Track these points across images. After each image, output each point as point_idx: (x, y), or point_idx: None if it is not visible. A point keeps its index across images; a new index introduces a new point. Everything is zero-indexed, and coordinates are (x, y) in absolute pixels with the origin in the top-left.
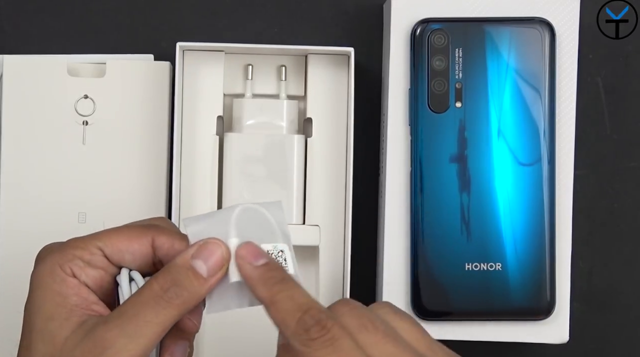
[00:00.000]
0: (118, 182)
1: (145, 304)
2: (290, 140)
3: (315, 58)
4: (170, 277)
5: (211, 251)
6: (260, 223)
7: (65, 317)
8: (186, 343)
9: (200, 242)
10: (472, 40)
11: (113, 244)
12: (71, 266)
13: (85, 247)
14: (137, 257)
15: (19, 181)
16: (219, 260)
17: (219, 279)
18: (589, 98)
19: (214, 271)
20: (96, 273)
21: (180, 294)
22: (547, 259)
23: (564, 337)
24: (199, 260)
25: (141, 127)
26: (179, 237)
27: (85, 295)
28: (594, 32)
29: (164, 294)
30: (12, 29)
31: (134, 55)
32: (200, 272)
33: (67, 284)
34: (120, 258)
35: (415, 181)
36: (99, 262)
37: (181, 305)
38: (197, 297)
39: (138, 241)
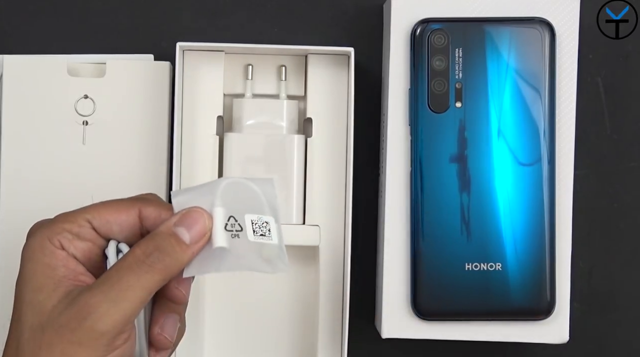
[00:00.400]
0: (118, 182)
1: (128, 268)
2: (290, 140)
3: (315, 58)
4: (153, 243)
5: (194, 218)
6: (248, 196)
7: (53, 287)
8: (176, 316)
9: (184, 211)
10: (472, 40)
11: (101, 216)
12: (60, 239)
13: (74, 220)
14: (124, 229)
15: (19, 180)
16: (202, 228)
17: (201, 246)
18: (589, 98)
19: (197, 238)
20: (84, 245)
21: (162, 259)
22: (547, 259)
23: (564, 337)
24: (181, 227)
25: (141, 127)
26: (166, 208)
27: (73, 266)
28: (594, 32)
29: (146, 259)
30: (12, 29)
31: (134, 55)
32: (183, 239)
33: (56, 256)
34: (108, 230)
35: (415, 181)
36: (87, 235)
37: (163, 270)
38: (179, 263)
39: (126, 213)
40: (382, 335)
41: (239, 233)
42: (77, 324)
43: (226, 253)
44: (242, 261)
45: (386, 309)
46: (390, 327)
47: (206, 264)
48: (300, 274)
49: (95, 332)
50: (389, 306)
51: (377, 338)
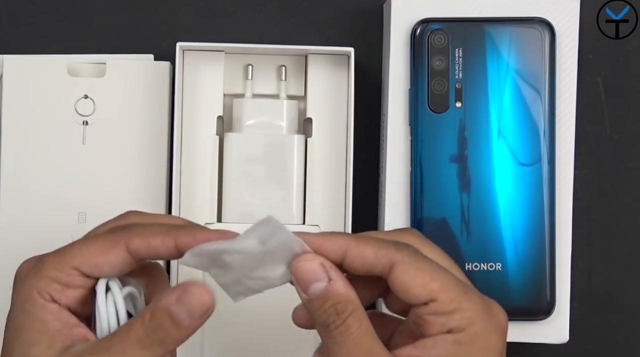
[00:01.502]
0: (118, 182)
1: (132, 344)
2: (290, 140)
3: (315, 58)
4: (154, 323)
5: (195, 297)
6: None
7: (48, 343)
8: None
9: (186, 285)
10: (472, 40)
11: (89, 261)
12: (49, 291)
13: (62, 269)
14: (115, 267)
15: (19, 180)
16: (202, 309)
17: (203, 322)
18: (589, 98)
19: (197, 317)
20: (75, 293)
21: (164, 338)
22: (547, 259)
23: (564, 337)
24: (180, 306)
25: (141, 127)
26: (152, 234)
27: (67, 319)
28: (594, 32)
29: (149, 337)
30: (12, 29)
31: (134, 55)
32: (179, 320)
33: (47, 309)
34: (99, 272)
35: (415, 181)
36: (77, 282)
37: (165, 346)
38: (179, 341)
39: (113, 251)
40: None
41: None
42: None
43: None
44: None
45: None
46: None
47: (203, 260)
48: None
49: None
50: None
51: None
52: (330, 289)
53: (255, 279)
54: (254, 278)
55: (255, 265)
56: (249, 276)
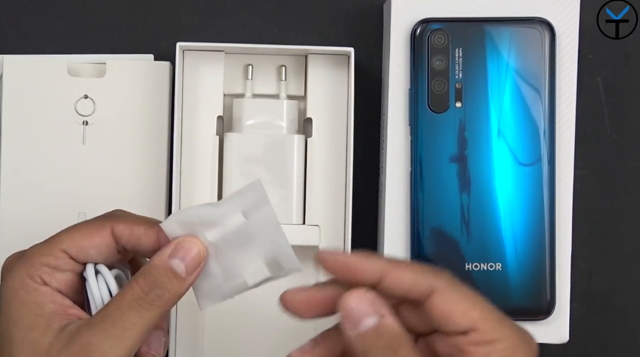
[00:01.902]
0: (118, 182)
1: (129, 307)
2: (290, 140)
3: (315, 58)
4: (151, 279)
5: (187, 249)
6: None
7: (45, 325)
8: (161, 332)
9: (177, 241)
10: (472, 40)
11: (75, 244)
12: (40, 275)
13: (50, 253)
14: (101, 251)
15: (19, 180)
16: (197, 258)
17: (197, 276)
18: (589, 98)
19: (192, 269)
20: (65, 276)
21: (162, 295)
22: (547, 259)
23: (564, 337)
24: (176, 259)
25: (141, 127)
26: (137, 222)
27: (60, 301)
28: (594, 32)
29: (146, 296)
30: (12, 29)
31: (134, 55)
32: (178, 272)
33: (41, 292)
34: (85, 255)
35: (415, 181)
36: (66, 265)
37: (163, 306)
38: (177, 296)
39: (99, 235)
40: None
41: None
42: None
43: (229, 274)
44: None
45: None
46: None
47: (216, 289)
48: (300, 274)
49: None
50: None
51: None
52: (384, 324)
53: (231, 275)
54: (230, 273)
55: (234, 249)
56: (227, 267)
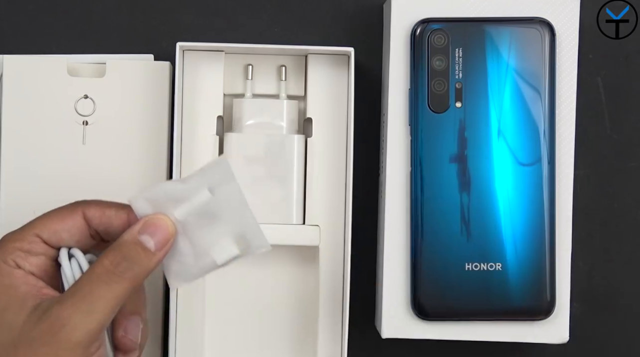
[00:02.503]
0: (118, 182)
1: (98, 279)
2: (290, 140)
3: (315, 58)
4: (120, 253)
5: (157, 226)
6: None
7: (19, 305)
8: (138, 318)
9: (146, 218)
10: (472, 40)
11: (48, 227)
12: (13, 258)
13: (23, 238)
14: (74, 234)
15: (19, 180)
16: (165, 234)
17: (166, 252)
18: (589, 98)
19: (161, 245)
20: (38, 260)
21: (131, 268)
22: (547, 259)
23: (564, 337)
24: (145, 235)
25: (141, 127)
26: (108, 205)
27: (34, 282)
28: (594, 32)
29: (116, 269)
30: (12, 29)
31: (134, 55)
32: (148, 246)
33: (14, 275)
34: (58, 239)
35: (415, 181)
36: (39, 249)
37: (132, 279)
38: (147, 270)
39: (70, 218)
40: (382, 335)
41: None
42: (50, 337)
43: (200, 253)
44: (217, 256)
45: (386, 309)
46: (390, 327)
47: (185, 268)
48: (300, 274)
49: (70, 343)
50: (389, 306)
51: (377, 338)
52: None
53: (200, 253)
54: (199, 251)
55: (202, 226)
56: (195, 245)
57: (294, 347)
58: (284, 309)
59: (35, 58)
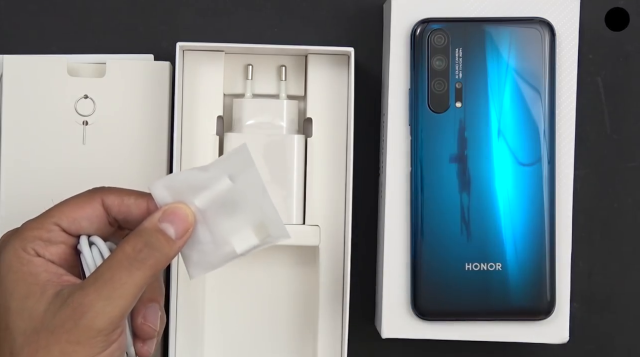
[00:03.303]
0: (118, 182)
1: (120, 266)
2: (290, 140)
3: (315, 58)
4: (142, 240)
5: (177, 214)
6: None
7: (40, 293)
8: (156, 305)
9: (166, 207)
10: (472, 40)
11: (67, 216)
12: (33, 247)
13: (42, 226)
14: (93, 221)
15: (19, 180)
16: (185, 223)
17: (185, 240)
18: (589, 98)
19: (182, 233)
20: (58, 249)
21: (152, 254)
22: (547, 259)
23: (564, 337)
24: (166, 223)
25: (141, 127)
26: (127, 193)
27: (54, 270)
28: (594, 32)
29: (137, 255)
30: (12, 29)
31: (134, 55)
32: (168, 234)
33: (35, 263)
34: (77, 227)
35: (415, 181)
36: (59, 237)
37: (154, 266)
38: (167, 257)
39: (90, 205)
40: (382, 335)
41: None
42: (73, 324)
43: (219, 242)
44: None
45: (386, 309)
46: (390, 327)
47: (205, 258)
48: (300, 274)
49: (92, 330)
50: (389, 306)
51: (377, 338)
52: None
53: (220, 241)
54: (219, 239)
55: (222, 214)
56: (215, 233)
57: (294, 347)
58: (284, 309)
59: (35, 58)
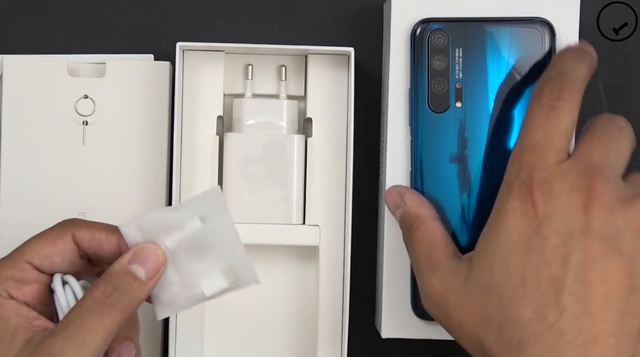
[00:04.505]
0: (118, 182)
1: (89, 311)
2: (290, 140)
3: (315, 58)
4: (111, 284)
5: (147, 255)
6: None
7: (11, 338)
8: (131, 343)
9: (136, 248)
10: (472, 40)
11: (39, 253)
12: (6, 288)
13: (14, 265)
14: (65, 257)
15: (19, 180)
16: (156, 264)
17: (156, 281)
18: (589, 98)
19: (152, 274)
20: (32, 288)
21: (122, 298)
22: None
23: None
24: (135, 264)
25: (141, 127)
26: (98, 228)
27: (26, 313)
28: (594, 32)
29: (107, 300)
30: (12, 29)
31: (134, 55)
32: (138, 276)
33: (6, 306)
34: (50, 264)
35: (415, 181)
36: (32, 276)
37: (124, 309)
38: (138, 299)
39: (61, 241)
40: (382, 335)
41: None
42: None
43: (188, 284)
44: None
45: (386, 309)
46: (390, 327)
47: (174, 299)
48: (300, 274)
49: None
50: (389, 306)
51: (377, 338)
52: (403, 212)
53: (189, 283)
54: (188, 281)
55: (192, 256)
56: (185, 275)
57: (294, 347)
58: (284, 309)
59: (35, 58)
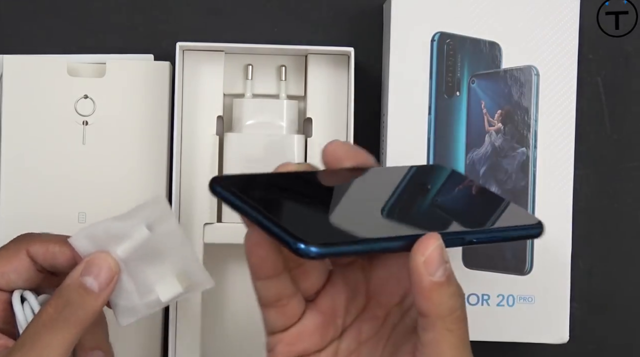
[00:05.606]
0: (118, 182)
1: (44, 327)
2: (290, 140)
3: (315, 58)
4: (62, 299)
5: (99, 265)
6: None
7: None
8: (100, 353)
9: (88, 258)
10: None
11: None
12: None
13: None
14: (22, 273)
15: (19, 180)
16: (109, 273)
17: (111, 290)
18: (589, 98)
19: (105, 283)
20: None
21: (74, 312)
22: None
23: (564, 337)
24: (87, 276)
25: (141, 127)
26: (52, 240)
27: None
28: (594, 32)
29: (59, 316)
30: (12, 29)
31: (134, 55)
32: (91, 288)
33: None
34: (7, 281)
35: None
36: None
37: (78, 322)
38: (93, 311)
39: (16, 257)
40: None
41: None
42: None
43: (144, 289)
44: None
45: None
46: None
47: (133, 305)
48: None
49: None
50: None
51: None
52: (451, 271)
53: (144, 290)
54: (143, 288)
55: (144, 263)
56: (139, 282)
57: None
58: None
59: (35, 58)
